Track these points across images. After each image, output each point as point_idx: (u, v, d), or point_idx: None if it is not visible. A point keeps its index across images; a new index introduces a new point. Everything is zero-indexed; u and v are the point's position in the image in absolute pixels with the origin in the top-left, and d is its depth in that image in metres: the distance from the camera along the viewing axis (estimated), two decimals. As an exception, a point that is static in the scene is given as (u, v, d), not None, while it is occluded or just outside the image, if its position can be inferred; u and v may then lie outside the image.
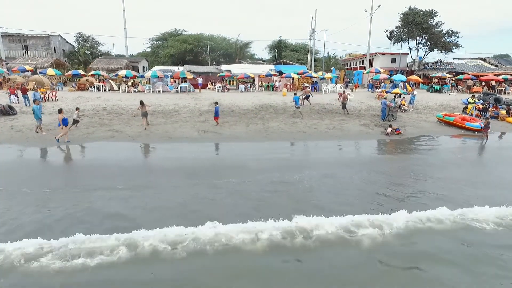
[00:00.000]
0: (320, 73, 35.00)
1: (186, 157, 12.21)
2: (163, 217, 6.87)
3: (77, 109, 15.83)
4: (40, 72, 28.72)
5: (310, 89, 28.21)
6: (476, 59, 47.19)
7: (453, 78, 36.86)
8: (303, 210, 7.21)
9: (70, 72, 29.49)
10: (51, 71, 28.01)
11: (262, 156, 12.56)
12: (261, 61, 57.01)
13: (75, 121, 15.25)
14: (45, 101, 20.92)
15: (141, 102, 16.12)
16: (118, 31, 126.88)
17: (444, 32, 44.71)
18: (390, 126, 17.28)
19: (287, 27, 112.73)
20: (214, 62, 56.09)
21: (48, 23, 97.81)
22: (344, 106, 21.19)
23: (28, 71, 29.14)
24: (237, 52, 55.00)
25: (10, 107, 17.93)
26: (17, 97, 20.49)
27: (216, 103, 17.92)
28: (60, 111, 13.50)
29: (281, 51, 59.33)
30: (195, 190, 8.68)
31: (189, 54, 53.30)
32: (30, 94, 20.35)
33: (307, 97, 23.25)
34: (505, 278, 5.26)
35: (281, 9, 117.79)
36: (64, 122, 13.34)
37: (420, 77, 37.85)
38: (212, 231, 6.18)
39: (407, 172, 10.90)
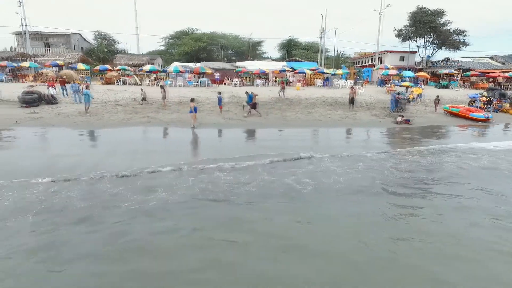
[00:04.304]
0: (331, 69, 36.47)
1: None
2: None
3: (141, 89, 21.45)
4: (69, 67, 30.75)
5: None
6: (483, 57, 48.17)
7: (460, 75, 38.07)
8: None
9: (98, 67, 31.50)
10: (81, 66, 30.10)
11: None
12: (271, 59, 58.54)
13: (144, 98, 20.55)
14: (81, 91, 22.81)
15: (161, 86, 20.83)
16: (131, 30, 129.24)
17: (451, 30, 45.79)
18: (401, 115, 18.76)
19: (297, 26, 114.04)
20: (226, 60, 57.79)
21: (63, 22, 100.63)
22: (351, 101, 21.50)
23: (60, 66, 31.22)
24: (249, 50, 56.64)
25: (53, 96, 19.83)
26: (55, 89, 22.36)
27: (219, 92, 19.54)
28: (192, 100, 15.70)
29: (291, 50, 60.81)
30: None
31: (203, 52, 55.11)
32: (68, 86, 22.32)
33: (254, 105, 18.77)
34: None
35: (291, 10, 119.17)
36: (195, 109, 15.40)
37: (428, 75, 39.10)
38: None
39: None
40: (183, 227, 5.94)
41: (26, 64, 30.14)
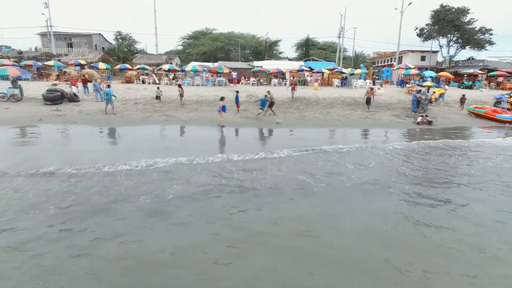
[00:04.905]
0: (349, 69, 35.92)
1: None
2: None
3: (158, 88, 21.98)
4: (91, 66, 31.60)
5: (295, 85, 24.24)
6: (510, 56, 46.36)
7: (486, 75, 36.73)
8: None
9: (118, 66, 32.23)
10: (102, 65, 30.91)
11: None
12: (287, 59, 58.20)
13: (158, 97, 21.15)
14: (102, 90, 23.31)
15: (179, 85, 21.48)
16: (150, 30, 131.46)
17: (477, 29, 44.24)
18: (422, 116, 18.20)
19: (314, 27, 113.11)
20: (243, 59, 57.87)
21: (85, 23, 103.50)
22: (368, 101, 20.80)
23: (82, 65, 32.16)
24: (266, 49, 56.56)
25: (75, 95, 20.33)
26: (77, 87, 22.91)
27: (237, 91, 19.35)
28: (222, 99, 15.34)
29: (308, 49, 60.27)
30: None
31: (221, 52, 55.43)
32: (90, 85, 22.85)
33: (271, 104, 18.21)
34: None
35: (309, 9, 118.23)
36: (223, 108, 15.13)
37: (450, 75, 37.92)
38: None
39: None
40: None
41: (50, 63, 31.13)
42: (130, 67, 32.86)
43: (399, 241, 5.45)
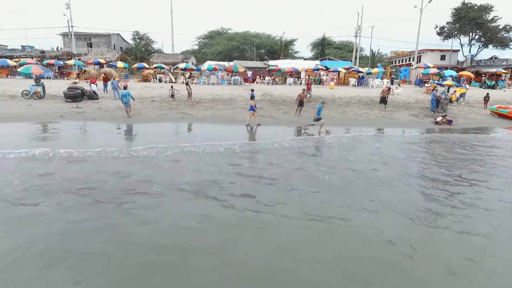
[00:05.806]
0: (366, 68, 35.38)
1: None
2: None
3: (172, 87, 21.91)
4: (110, 65, 32.34)
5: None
6: (536, 55, 44.55)
7: (509, 75, 35.42)
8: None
9: (136, 65, 32.88)
10: (120, 64, 31.62)
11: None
12: (303, 59, 57.80)
13: (173, 95, 21.33)
14: (119, 88, 23.76)
15: (187, 83, 21.15)
16: (166, 30, 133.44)
17: (500, 27, 42.73)
18: (442, 116, 17.72)
19: (331, 26, 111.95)
20: (258, 58, 57.85)
21: (104, 23, 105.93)
22: (383, 100, 20.36)
23: (101, 64, 32.99)
24: (281, 49, 56.40)
25: (94, 92, 20.81)
26: (96, 85, 23.41)
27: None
28: (251, 98, 15.57)
29: (324, 49, 59.73)
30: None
31: (236, 51, 55.65)
32: (109, 83, 23.33)
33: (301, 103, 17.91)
34: None
35: (325, 8, 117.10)
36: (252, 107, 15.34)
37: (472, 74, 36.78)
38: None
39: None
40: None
41: (71, 62, 31.95)
42: (147, 66, 33.44)
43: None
